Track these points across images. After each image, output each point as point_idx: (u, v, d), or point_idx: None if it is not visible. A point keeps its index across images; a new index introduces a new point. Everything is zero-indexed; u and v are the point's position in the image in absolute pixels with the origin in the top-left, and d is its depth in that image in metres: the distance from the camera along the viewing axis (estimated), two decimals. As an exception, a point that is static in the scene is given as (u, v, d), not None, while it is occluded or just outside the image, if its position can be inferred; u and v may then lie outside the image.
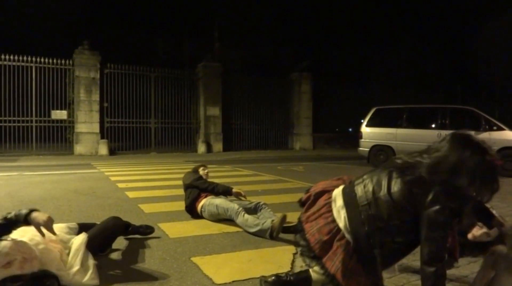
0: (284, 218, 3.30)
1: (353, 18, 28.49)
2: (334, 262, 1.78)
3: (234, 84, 16.74)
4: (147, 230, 3.32)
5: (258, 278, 2.43)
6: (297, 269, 2.58)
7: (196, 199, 4.00)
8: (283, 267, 2.63)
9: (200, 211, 3.98)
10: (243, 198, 3.90)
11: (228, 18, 24.79)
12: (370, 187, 1.83)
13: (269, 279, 2.10)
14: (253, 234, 3.37)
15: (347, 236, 1.79)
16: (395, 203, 1.72)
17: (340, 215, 1.85)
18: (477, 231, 1.96)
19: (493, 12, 25.93)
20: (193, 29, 25.08)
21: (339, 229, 1.82)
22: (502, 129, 8.69)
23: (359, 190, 1.87)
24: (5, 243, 2.02)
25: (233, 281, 2.38)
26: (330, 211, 1.90)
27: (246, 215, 3.52)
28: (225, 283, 2.35)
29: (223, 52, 20.98)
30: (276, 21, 24.39)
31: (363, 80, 20.94)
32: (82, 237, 2.40)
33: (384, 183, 1.78)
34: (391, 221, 1.72)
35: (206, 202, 3.92)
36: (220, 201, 3.85)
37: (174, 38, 24.64)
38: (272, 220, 3.35)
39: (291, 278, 2.09)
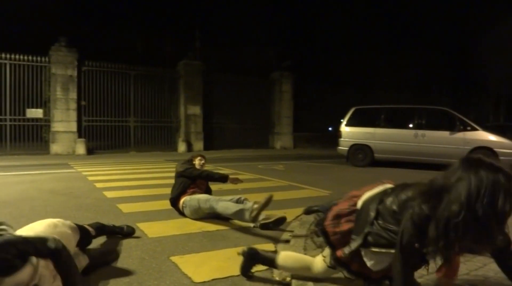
0: (269, 198, 3.30)
1: (334, 18, 28.81)
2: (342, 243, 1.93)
3: (215, 83, 16.69)
4: (127, 231, 3.30)
5: (237, 276, 2.46)
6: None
7: (183, 192, 3.98)
8: (262, 265, 2.65)
9: (182, 208, 3.97)
10: (239, 184, 3.98)
11: (210, 16, 24.71)
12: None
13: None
14: (234, 215, 3.40)
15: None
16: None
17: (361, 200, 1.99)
18: None
19: (467, 14, 26.71)
20: (174, 27, 24.87)
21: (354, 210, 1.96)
22: (476, 130, 8.99)
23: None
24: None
25: (212, 280, 2.40)
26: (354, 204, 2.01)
27: (227, 201, 3.53)
28: (204, 282, 2.36)
29: (205, 51, 20.86)
30: (258, 20, 24.44)
31: (343, 80, 21.21)
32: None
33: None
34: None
35: (187, 198, 3.92)
36: (202, 195, 3.86)
37: (154, 36, 24.35)
38: (255, 202, 3.35)
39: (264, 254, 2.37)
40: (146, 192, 5.60)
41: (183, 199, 3.95)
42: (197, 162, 4.28)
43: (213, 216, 3.81)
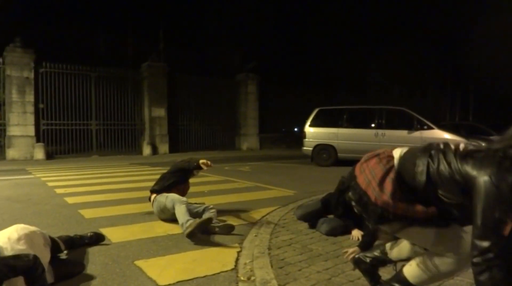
0: (205, 221, 3.29)
1: (297, 20, 29.29)
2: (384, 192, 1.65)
3: (180, 85, 16.52)
4: (96, 238, 3.21)
5: (203, 277, 2.48)
6: (240, 267, 2.67)
7: (169, 189, 3.98)
8: (227, 266, 2.70)
9: (152, 202, 4.03)
10: (208, 167, 4.01)
11: (174, 17, 24.42)
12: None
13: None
14: (180, 224, 3.39)
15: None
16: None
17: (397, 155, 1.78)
18: None
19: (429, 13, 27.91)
20: (137, 27, 24.35)
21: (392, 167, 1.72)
22: (432, 128, 9.45)
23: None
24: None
25: (178, 282, 2.41)
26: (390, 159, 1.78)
27: (185, 208, 3.50)
28: (169, 284, 2.37)
29: (169, 52, 20.60)
30: (222, 21, 24.41)
31: (308, 82, 21.60)
32: None
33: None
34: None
35: (158, 195, 3.94)
36: (174, 194, 3.84)
37: (117, 36, 23.73)
38: (195, 221, 3.31)
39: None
40: (109, 196, 5.49)
41: (155, 196, 3.98)
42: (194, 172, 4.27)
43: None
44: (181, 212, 3.45)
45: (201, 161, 4.01)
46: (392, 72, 26.58)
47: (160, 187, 4.04)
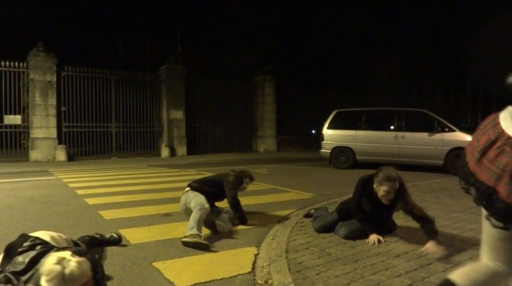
0: (202, 245, 3.16)
1: (315, 22, 29.17)
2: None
3: (198, 87, 16.64)
4: (113, 239, 3.26)
5: (220, 279, 2.48)
6: (258, 270, 2.65)
7: (202, 192, 3.81)
8: (244, 268, 2.68)
9: (183, 193, 3.94)
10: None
11: (191, 20, 24.66)
12: None
13: None
14: (188, 228, 3.37)
15: None
16: None
17: None
18: None
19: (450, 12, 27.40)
20: (155, 31, 24.70)
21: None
22: (453, 131, 9.22)
23: None
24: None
25: (195, 284, 2.41)
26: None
27: (200, 216, 3.43)
28: (187, 286, 2.37)
29: (186, 55, 20.82)
30: (239, 24, 24.50)
31: (326, 83, 21.46)
32: None
33: None
34: None
35: (191, 191, 3.83)
36: (201, 197, 3.71)
37: (135, 40, 24.13)
38: (197, 236, 3.25)
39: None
40: (128, 198, 5.55)
41: (191, 191, 3.86)
42: (245, 185, 4.10)
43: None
44: (194, 218, 3.42)
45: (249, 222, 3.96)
46: (411, 74, 26.18)
47: (198, 188, 3.88)
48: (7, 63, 12.66)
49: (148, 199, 5.44)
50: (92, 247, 3.06)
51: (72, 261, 1.75)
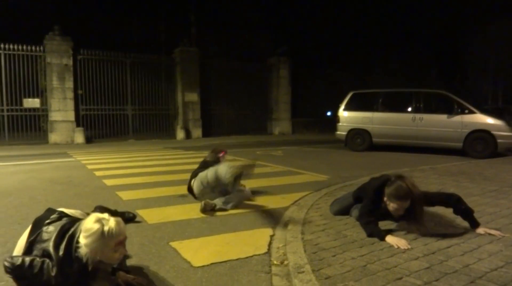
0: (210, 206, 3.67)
1: (331, 3, 28.43)
2: None
3: (212, 69, 16.58)
4: (129, 216, 3.37)
5: (235, 260, 2.50)
6: (273, 251, 2.66)
7: None
8: (260, 249, 2.70)
9: (192, 182, 4.11)
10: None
11: (205, 1, 24.35)
12: None
13: None
14: (223, 182, 3.68)
15: None
16: None
17: None
18: None
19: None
20: (169, 13, 24.50)
21: None
22: (474, 113, 8.98)
23: None
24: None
25: (211, 264, 2.44)
26: None
27: (231, 174, 3.62)
28: (203, 266, 2.40)
29: (201, 37, 20.67)
30: (254, 4, 24.11)
31: (341, 64, 21.08)
32: None
33: None
34: None
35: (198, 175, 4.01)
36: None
37: (149, 22, 24.04)
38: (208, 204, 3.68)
39: None
40: (145, 179, 5.63)
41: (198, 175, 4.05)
42: (221, 158, 4.44)
43: (212, 196, 3.93)
44: (224, 166, 3.74)
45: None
46: (430, 54, 25.48)
47: (198, 172, 4.12)
48: (24, 47, 12.81)
49: (164, 181, 5.50)
50: None
51: (111, 220, 1.89)
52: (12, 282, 2.10)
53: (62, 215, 2.19)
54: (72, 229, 1.91)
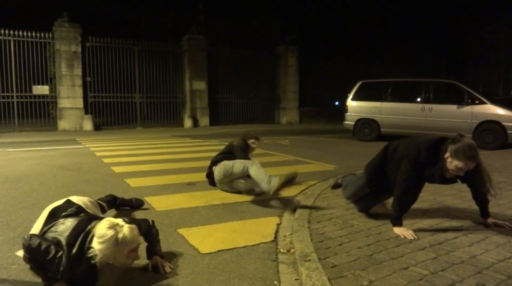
0: (289, 177, 3.35)
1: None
2: None
3: (220, 58, 16.52)
4: (137, 203, 3.42)
5: (242, 247, 2.52)
6: (280, 239, 2.68)
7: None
8: (267, 237, 2.72)
9: (213, 169, 4.07)
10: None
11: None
12: None
13: None
14: (261, 181, 3.50)
15: None
16: None
17: None
18: None
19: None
20: (177, 0, 24.37)
21: None
22: (484, 103, 8.85)
23: None
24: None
25: (218, 251, 2.46)
26: None
27: (259, 168, 3.60)
28: (210, 253, 2.43)
29: (209, 25, 20.54)
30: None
31: (349, 54, 20.87)
32: None
33: None
34: None
35: (222, 161, 3.98)
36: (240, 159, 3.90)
37: (157, 10, 23.95)
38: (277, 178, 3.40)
39: None
40: (153, 167, 5.67)
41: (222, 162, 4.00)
42: (252, 145, 4.27)
43: (233, 190, 3.98)
44: (256, 174, 3.55)
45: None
46: (440, 43, 25.07)
47: (220, 159, 4.06)
48: (34, 33, 12.85)
49: (172, 168, 5.54)
50: (114, 207, 3.23)
51: (125, 227, 1.88)
52: (23, 266, 2.15)
53: (80, 210, 2.22)
54: (87, 229, 1.92)
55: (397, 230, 2.66)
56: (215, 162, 4.11)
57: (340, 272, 2.02)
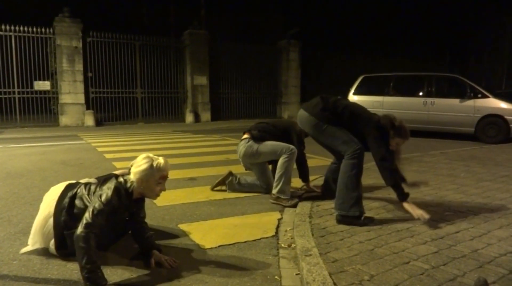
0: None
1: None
2: None
3: (222, 52, 16.46)
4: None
5: (243, 242, 2.52)
6: (281, 234, 2.68)
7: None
8: (268, 232, 2.72)
9: (240, 140, 3.77)
10: None
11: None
12: None
13: None
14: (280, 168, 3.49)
15: None
16: None
17: None
18: None
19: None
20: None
21: None
22: (487, 97, 8.81)
23: None
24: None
25: (219, 246, 2.46)
26: None
27: (289, 168, 3.51)
28: (211, 248, 2.43)
29: (210, 19, 20.45)
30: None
31: (351, 48, 20.75)
32: None
33: None
34: None
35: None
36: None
37: (158, 4, 23.84)
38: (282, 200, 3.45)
39: None
40: (155, 162, 5.66)
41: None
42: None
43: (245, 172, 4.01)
44: (280, 171, 3.46)
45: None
46: (442, 37, 24.90)
47: (262, 137, 3.68)
48: (34, 29, 12.82)
49: (173, 164, 5.50)
50: None
51: (160, 157, 2.18)
52: (25, 261, 2.15)
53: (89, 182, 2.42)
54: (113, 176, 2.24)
55: (406, 205, 2.71)
56: (250, 133, 3.72)
57: (341, 266, 2.02)
